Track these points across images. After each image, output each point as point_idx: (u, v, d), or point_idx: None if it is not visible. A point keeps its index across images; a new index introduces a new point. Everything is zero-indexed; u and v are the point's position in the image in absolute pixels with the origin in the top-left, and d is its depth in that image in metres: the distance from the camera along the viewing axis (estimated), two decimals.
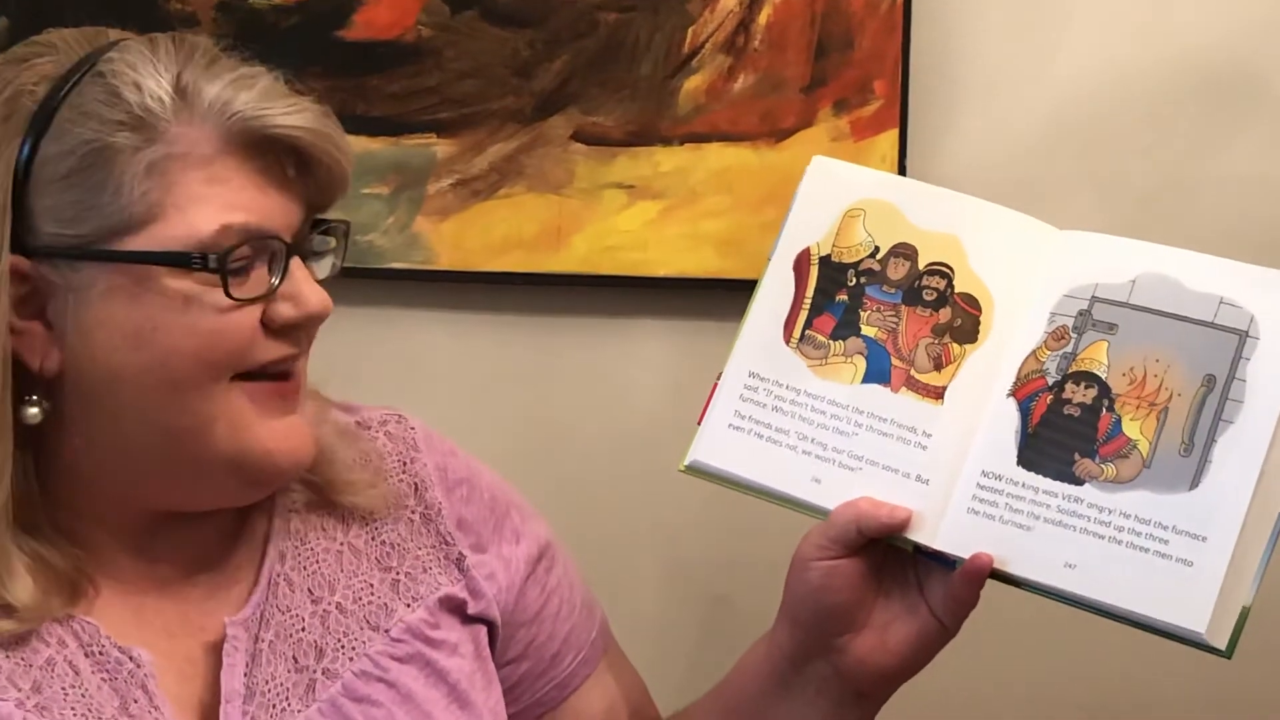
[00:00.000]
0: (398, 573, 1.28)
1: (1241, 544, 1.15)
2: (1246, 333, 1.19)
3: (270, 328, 1.18)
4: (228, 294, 1.15)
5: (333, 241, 1.24)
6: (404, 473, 1.32)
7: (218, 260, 1.15)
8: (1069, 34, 1.82)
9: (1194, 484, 1.17)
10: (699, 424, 1.30)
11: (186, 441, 1.17)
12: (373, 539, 1.29)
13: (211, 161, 1.16)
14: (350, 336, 1.29)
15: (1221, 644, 1.15)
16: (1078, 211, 1.81)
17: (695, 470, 1.30)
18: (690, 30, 1.84)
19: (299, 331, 1.20)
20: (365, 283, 1.88)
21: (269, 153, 1.17)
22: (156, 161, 1.14)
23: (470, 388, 1.91)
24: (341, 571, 1.27)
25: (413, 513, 1.31)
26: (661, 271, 1.86)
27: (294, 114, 1.17)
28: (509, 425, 1.89)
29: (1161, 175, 1.81)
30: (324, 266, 1.24)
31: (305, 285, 1.19)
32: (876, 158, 1.81)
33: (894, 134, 1.81)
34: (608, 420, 1.89)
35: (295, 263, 1.19)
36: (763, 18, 1.83)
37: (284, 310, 1.18)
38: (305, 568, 1.26)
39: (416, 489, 1.31)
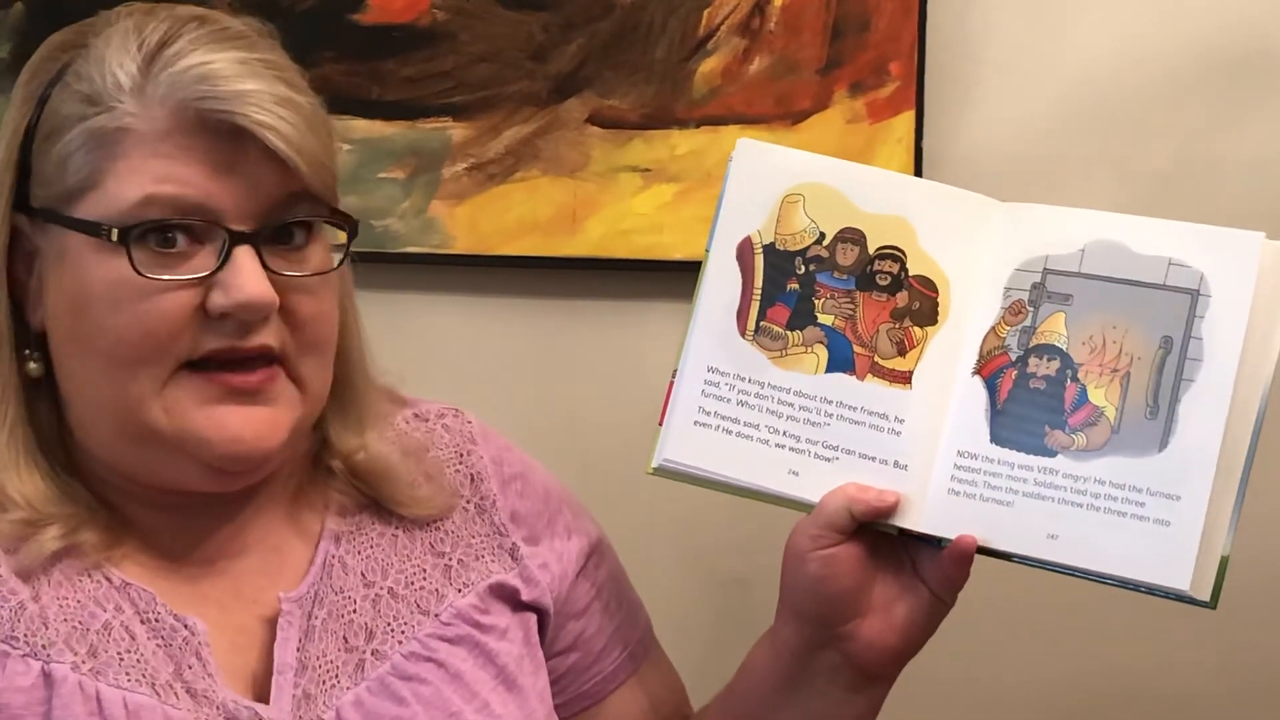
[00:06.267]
0: (450, 559, 1.29)
1: (1214, 498, 1.16)
2: (1198, 291, 1.19)
3: (212, 316, 1.16)
4: (134, 268, 1.14)
5: (341, 235, 1.22)
6: (460, 464, 1.33)
7: (120, 234, 1.14)
8: (1086, 14, 1.81)
9: (1162, 445, 1.18)
10: (660, 424, 1.27)
11: (126, 416, 1.17)
12: (427, 525, 1.30)
13: (163, 139, 1.15)
14: (365, 321, 1.30)
15: (1205, 596, 1.17)
16: (1096, 192, 1.80)
17: (665, 472, 1.27)
18: (705, 13, 1.83)
19: (236, 322, 1.16)
20: (380, 267, 1.87)
21: (225, 135, 1.15)
22: (104, 132, 1.15)
23: (485, 371, 1.91)
24: (395, 556, 1.28)
25: (468, 503, 1.32)
26: (677, 255, 1.86)
27: (236, 100, 1.14)
28: (524, 408, 1.89)
29: (1180, 154, 1.80)
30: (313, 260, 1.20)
31: (244, 274, 1.15)
32: (893, 140, 1.80)
33: (910, 116, 1.81)
34: (623, 403, 1.89)
35: (243, 251, 1.15)
36: (778, 0, 1.82)
37: (216, 298, 1.16)
38: (360, 552, 1.27)
39: (472, 480, 1.32)
